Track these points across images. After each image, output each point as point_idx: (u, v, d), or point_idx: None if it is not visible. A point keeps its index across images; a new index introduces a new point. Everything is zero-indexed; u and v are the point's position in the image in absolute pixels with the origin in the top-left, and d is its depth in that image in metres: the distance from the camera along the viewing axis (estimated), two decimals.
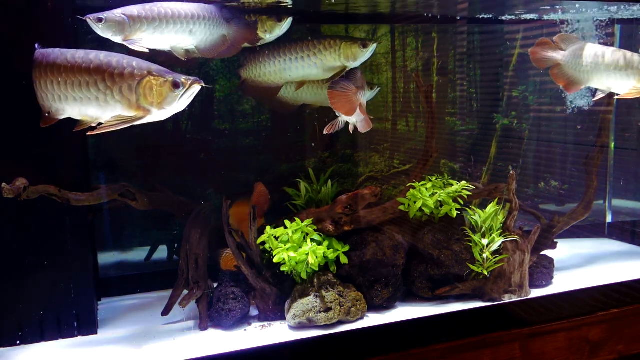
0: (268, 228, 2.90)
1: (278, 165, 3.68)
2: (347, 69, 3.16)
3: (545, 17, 3.99)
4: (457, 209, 3.00)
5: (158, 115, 2.40)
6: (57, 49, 2.39)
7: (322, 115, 3.48)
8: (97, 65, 2.31)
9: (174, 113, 2.43)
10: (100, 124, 2.39)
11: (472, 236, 2.98)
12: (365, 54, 3.12)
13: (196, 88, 2.38)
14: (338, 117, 3.09)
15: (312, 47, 3.14)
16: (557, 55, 3.33)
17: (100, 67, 2.31)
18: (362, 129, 3.08)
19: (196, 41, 2.60)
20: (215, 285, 2.91)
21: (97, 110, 2.37)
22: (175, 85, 2.34)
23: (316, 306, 2.71)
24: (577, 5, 3.57)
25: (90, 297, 2.74)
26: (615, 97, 3.42)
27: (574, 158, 4.31)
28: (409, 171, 3.83)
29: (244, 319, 2.82)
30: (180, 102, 2.38)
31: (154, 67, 2.38)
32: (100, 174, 3.26)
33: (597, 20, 4.03)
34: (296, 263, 2.75)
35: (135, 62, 2.36)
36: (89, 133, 2.36)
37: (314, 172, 3.27)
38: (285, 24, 2.99)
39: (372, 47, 3.13)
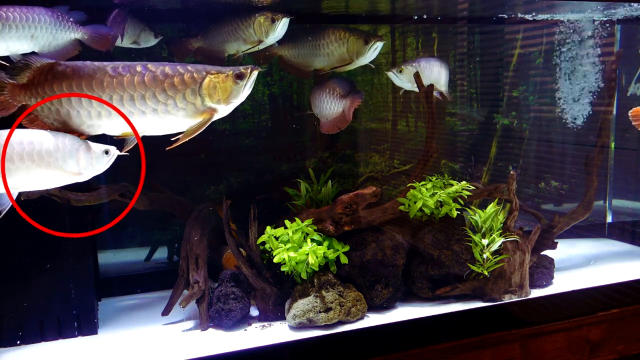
0: (268, 228, 2.90)
1: (278, 165, 3.69)
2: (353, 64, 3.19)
3: (545, 17, 3.99)
4: (457, 209, 3.00)
5: (225, 111, 2.35)
6: (87, 62, 2.27)
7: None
8: (152, 76, 2.22)
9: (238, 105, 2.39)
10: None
11: (472, 236, 2.98)
12: (367, 50, 3.11)
13: (255, 74, 2.34)
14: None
15: (327, 37, 3.16)
16: None
17: (156, 78, 2.23)
18: (322, 129, 3.25)
19: (38, 46, 2.46)
20: (216, 285, 2.91)
21: (149, 123, 2.28)
22: (239, 77, 2.30)
23: (316, 306, 2.71)
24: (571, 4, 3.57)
25: (90, 297, 2.74)
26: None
27: (574, 158, 4.31)
28: (409, 171, 3.83)
29: (244, 319, 2.82)
30: (244, 92, 2.34)
31: (207, 66, 2.33)
32: (100, 174, 3.26)
33: (597, 20, 4.03)
34: (296, 263, 2.75)
35: (189, 65, 2.30)
36: (168, 148, 2.27)
37: (314, 172, 3.27)
38: (280, 26, 2.96)
39: (375, 45, 3.11)
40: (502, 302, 2.99)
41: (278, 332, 2.71)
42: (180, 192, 3.27)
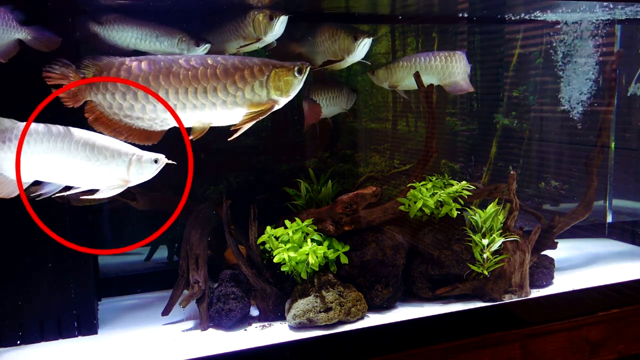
0: (268, 228, 2.89)
1: (278, 165, 3.68)
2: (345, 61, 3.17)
3: (545, 17, 3.99)
4: (457, 209, 3.00)
5: (282, 103, 2.45)
6: (159, 56, 2.33)
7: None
8: (224, 69, 2.30)
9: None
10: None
11: (473, 236, 2.98)
12: (356, 47, 3.08)
13: (309, 69, 2.48)
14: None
15: (321, 34, 3.18)
16: None
17: (227, 70, 2.30)
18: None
19: None
20: (216, 285, 2.91)
21: (217, 114, 2.35)
22: (299, 72, 2.42)
23: (316, 306, 2.71)
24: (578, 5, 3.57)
25: (90, 297, 2.74)
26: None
27: (574, 158, 4.31)
28: (409, 171, 3.83)
29: (244, 319, 2.82)
30: (299, 86, 2.45)
31: (270, 59, 2.45)
32: None
33: (597, 20, 4.03)
34: (296, 263, 2.75)
35: (254, 58, 2.40)
36: (230, 139, 2.36)
37: (314, 172, 3.27)
38: (278, 23, 2.94)
39: (364, 41, 3.07)
40: (502, 302, 2.99)
41: (278, 332, 2.71)
42: (181, 192, 3.26)
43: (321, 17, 3.63)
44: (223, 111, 2.34)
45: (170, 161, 2.36)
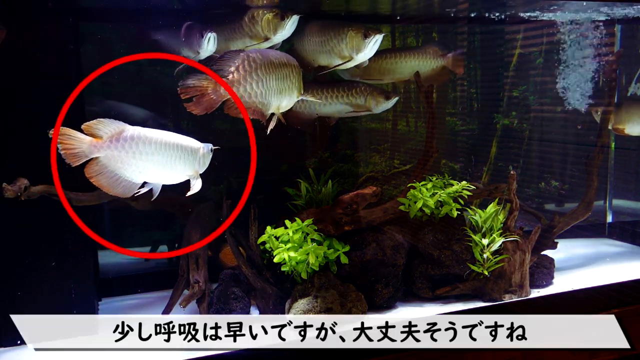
0: (268, 228, 2.89)
1: (278, 165, 3.68)
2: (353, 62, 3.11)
3: (545, 17, 3.99)
4: (457, 209, 3.00)
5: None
6: (257, 49, 2.65)
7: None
8: (287, 59, 2.66)
9: None
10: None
11: (473, 236, 2.98)
12: (367, 45, 2.98)
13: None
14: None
15: (327, 33, 3.10)
16: None
17: (288, 61, 2.66)
18: None
19: None
20: (216, 285, 2.91)
21: (285, 100, 2.67)
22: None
23: (316, 306, 2.71)
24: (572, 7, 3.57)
25: (90, 297, 2.74)
26: None
27: (574, 158, 4.31)
28: (409, 171, 3.83)
29: None
30: None
31: None
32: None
33: (596, 20, 4.03)
34: (296, 263, 2.75)
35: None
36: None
37: (314, 172, 3.26)
38: (289, 23, 2.87)
39: (375, 38, 2.96)
40: (503, 302, 2.99)
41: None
42: (181, 191, 3.26)
43: (320, 17, 3.63)
44: (287, 97, 2.66)
45: (216, 146, 2.54)
